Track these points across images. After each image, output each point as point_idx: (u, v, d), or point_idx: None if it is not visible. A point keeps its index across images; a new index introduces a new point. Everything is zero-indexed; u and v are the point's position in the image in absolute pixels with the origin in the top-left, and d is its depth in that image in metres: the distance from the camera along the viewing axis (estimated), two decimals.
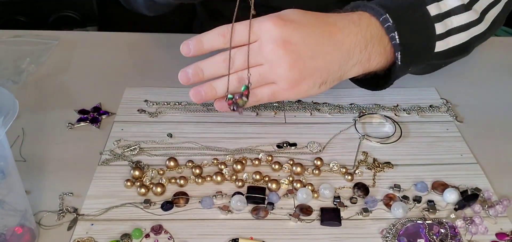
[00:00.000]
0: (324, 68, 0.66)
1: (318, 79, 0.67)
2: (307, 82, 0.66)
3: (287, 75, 0.65)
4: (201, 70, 0.69)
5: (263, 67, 0.66)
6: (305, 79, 0.66)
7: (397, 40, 0.67)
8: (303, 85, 0.66)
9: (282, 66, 0.64)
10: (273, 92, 0.67)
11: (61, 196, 0.64)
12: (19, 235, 0.57)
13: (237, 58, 0.66)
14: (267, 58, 0.65)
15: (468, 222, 0.61)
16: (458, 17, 0.73)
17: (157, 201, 0.64)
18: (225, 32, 0.66)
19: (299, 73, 0.65)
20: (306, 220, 0.62)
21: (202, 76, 0.69)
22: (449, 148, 0.73)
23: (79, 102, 0.81)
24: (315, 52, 0.65)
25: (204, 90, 0.70)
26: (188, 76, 0.70)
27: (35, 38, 0.98)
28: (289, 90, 0.67)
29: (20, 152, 0.71)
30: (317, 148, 0.73)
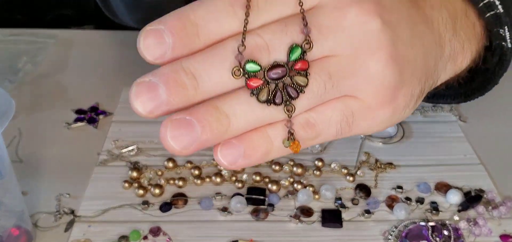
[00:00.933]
0: (423, 62, 0.40)
1: (417, 85, 0.39)
2: (404, 92, 0.38)
3: (382, 73, 0.35)
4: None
5: (336, 60, 0.35)
6: (405, 85, 0.38)
7: (500, 9, 0.44)
8: (400, 98, 0.38)
9: (377, 54, 0.35)
10: (348, 118, 0.37)
11: (58, 197, 0.63)
12: (16, 236, 0.56)
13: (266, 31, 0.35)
14: (349, 40, 0.35)
15: (471, 223, 0.60)
16: None
17: (155, 202, 0.63)
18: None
19: (400, 70, 0.36)
20: (306, 221, 0.61)
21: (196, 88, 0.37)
22: (452, 149, 0.72)
23: (76, 101, 0.80)
24: (413, 33, 0.38)
25: (203, 121, 0.37)
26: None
27: (31, 37, 0.97)
28: (377, 110, 0.37)
29: (16, 152, 0.70)
30: (318, 149, 0.72)
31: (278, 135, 0.36)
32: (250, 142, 0.36)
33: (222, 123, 0.35)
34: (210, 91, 0.36)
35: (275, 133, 0.36)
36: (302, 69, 0.34)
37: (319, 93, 0.35)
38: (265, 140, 0.36)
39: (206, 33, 0.35)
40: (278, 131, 0.36)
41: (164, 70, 0.38)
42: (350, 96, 0.36)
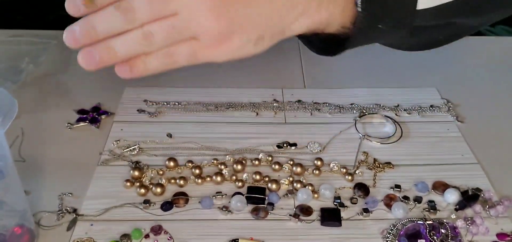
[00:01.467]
0: (260, 17, 0.51)
1: (252, 33, 0.51)
2: (239, 37, 0.50)
3: (211, 26, 0.48)
4: (93, 27, 0.51)
5: (178, 17, 0.48)
6: (235, 33, 0.50)
7: None
8: (233, 40, 0.50)
9: (205, 12, 0.48)
10: (194, 51, 0.51)
11: (61, 196, 0.64)
12: (18, 235, 0.57)
13: (139, 6, 0.48)
14: (184, 2, 0.48)
15: (468, 222, 0.61)
16: None
17: (156, 202, 0.63)
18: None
19: (228, 23, 0.49)
20: (306, 220, 0.62)
21: (95, 36, 0.52)
22: (450, 148, 0.73)
23: (78, 102, 0.81)
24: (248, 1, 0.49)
25: (98, 52, 0.53)
26: (75, 37, 0.52)
27: (33, 37, 0.97)
28: (215, 48, 0.50)
29: (19, 152, 0.71)
30: (317, 148, 0.73)
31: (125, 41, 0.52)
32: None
33: (109, 53, 0.54)
34: (104, 35, 0.52)
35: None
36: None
37: (169, 38, 0.50)
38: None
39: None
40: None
41: (78, 27, 0.52)
42: (193, 38, 0.50)
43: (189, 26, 0.49)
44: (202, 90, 0.84)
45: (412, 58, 0.92)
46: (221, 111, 0.80)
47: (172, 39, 0.50)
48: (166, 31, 0.49)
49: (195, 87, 0.85)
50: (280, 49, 0.97)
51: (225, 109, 0.80)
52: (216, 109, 0.80)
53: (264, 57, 0.93)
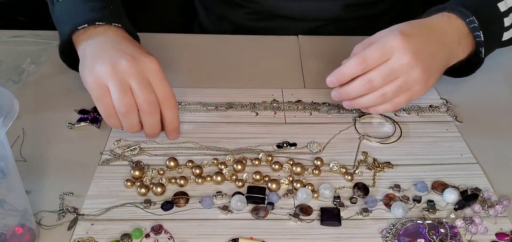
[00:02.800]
0: (439, 64, 0.76)
1: (438, 72, 0.76)
2: (433, 77, 0.75)
3: (421, 78, 0.71)
4: (346, 93, 0.74)
5: (400, 79, 0.71)
6: (431, 77, 0.74)
7: (482, 37, 0.77)
8: (431, 80, 0.74)
9: (417, 72, 0.71)
10: (410, 97, 0.73)
11: (61, 196, 0.64)
12: (20, 235, 0.57)
13: (376, 79, 0.71)
14: (404, 70, 0.71)
15: (468, 222, 0.61)
16: None
17: (157, 201, 0.64)
18: (360, 62, 0.71)
19: (428, 73, 0.73)
20: (306, 220, 0.62)
21: (347, 96, 0.75)
22: (449, 148, 0.73)
23: (79, 102, 0.81)
24: (433, 54, 0.74)
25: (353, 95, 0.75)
26: (333, 83, 0.74)
27: (35, 38, 0.98)
28: (422, 90, 0.73)
29: (20, 152, 0.71)
30: (317, 148, 0.73)
31: None
32: None
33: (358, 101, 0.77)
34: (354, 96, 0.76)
35: None
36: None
37: (395, 93, 0.72)
38: None
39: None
40: None
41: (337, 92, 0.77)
42: (409, 90, 0.73)
43: (408, 83, 0.72)
44: (202, 90, 0.84)
45: None
46: (221, 111, 0.80)
47: (396, 94, 0.72)
48: (393, 89, 0.72)
49: (195, 87, 0.85)
50: (280, 50, 0.97)
51: (225, 109, 0.80)
52: (216, 109, 0.80)
53: (264, 58, 0.94)
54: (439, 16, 0.77)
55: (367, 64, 0.71)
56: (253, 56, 0.95)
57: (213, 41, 1.01)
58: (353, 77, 0.72)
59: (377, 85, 0.71)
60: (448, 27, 0.77)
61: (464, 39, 0.77)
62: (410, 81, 0.71)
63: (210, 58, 0.94)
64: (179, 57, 0.94)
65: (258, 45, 0.98)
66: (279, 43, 1.00)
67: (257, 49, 0.96)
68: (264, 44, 0.98)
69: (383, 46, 0.70)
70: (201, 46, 0.98)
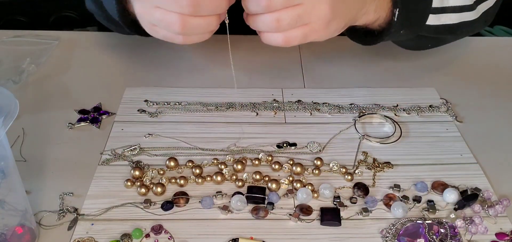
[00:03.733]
0: (348, 11, 0.70)
1: (342, 21, 0.69)
2: (336, 23, 0.68)
3: (325, 15, 0.65)
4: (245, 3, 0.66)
5: (303, 7, 0.63)
6: (335, 20, 0.67)
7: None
8: (332, 25, 0.67)
9: (324, 6, 0.64)
10: (305, 34, 0.66)
11: (62, 196, 0.64)
12: (20, 235, 0.57)
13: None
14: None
15: (468, 222, 0.61)
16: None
17: (157, 201, 0.64)
18: None
19: (334, 14, 0.66)
20: (306, 220, 0.62)
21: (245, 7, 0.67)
22: (449, 148, 0.73)
23: (79, 102, 0.81)
24: (346, 2, 0.68)
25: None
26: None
27: (35, 38, 0.98)
28: (321, 31, 0.67)
29: (20, 152, 0.71)
30: (317, 148, 0.73)
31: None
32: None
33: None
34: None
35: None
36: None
37: (292, 24, 0.64)
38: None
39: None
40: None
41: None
42: (305, 25, 0.65)
43: (310, 15, 0.64)
44: (202, 90, 0.84)
45: (411, 58, 0.93)
46: (221, 111, 0.80)
47: (292, 25, 0.64)
48: (292, 18, 0.64)
49: (195, 87, 0.85)
50: (280, 50, 0.97)
51: (225, 109, 0.80)
52: (216, 109, 0.80)
53: (264, 57, 0.94)
54: None
55: None
56: (253, 56, 0.95)
57: (213, 41, 1.01)
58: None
59: (277, 4, 0.63)
60: None
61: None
62: (313, 13, 0.64)
63: (210, 58, 0.94)
64: (179, 57, 0.94)
65: (258, 45, 0.98)
66: None
67: (257, 49, 0.97)
68: (264, 44, 0.98)
69: None
70: (201, 46, 0.98)
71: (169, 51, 0.96)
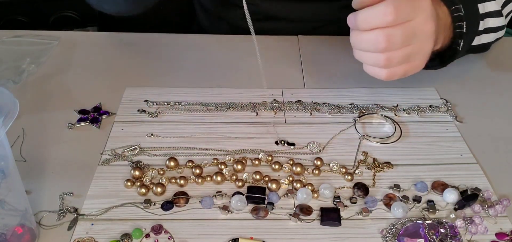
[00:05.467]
0: (433, 45, 0.71)
1: (429, 54, 0.72)
2: (427, 58, 0.71)
3: (429, 52, 0.68)
4: (359, 41, 0.69)
5: (412, 47, 0.66)
6: (428, 55, 0.70)
7: (464, 29, 0.73)
8: (426, 59, 0.70)
9: (430, 44, 0.67)
10: (406, 70, 0.69)
11: (62, 196, 0.64)
12: (20, 235, 0.57)
13: (396, 36, 0.65)
14: (421, 38, 0.66)
15: (468, 222, 0.61)
16: (493, 20, 0.80)
17: (157, 201, 0.64)
18: (393, 11, 0.64)
19: (431, 46, 0.69)
20: (306, 220, 0.62)
21: (358, 44, 0.70)
22: (449, 148, 0.73)
23: (79, 102, 0.81)
24: (438, 27, 0.70)
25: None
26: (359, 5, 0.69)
27: (35, 38, 0.98)
28: (420, 67, 0.70)
29: (20, 152, 0.71)
30: (317, 148, 0.73)
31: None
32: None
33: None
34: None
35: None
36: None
37: (400, 59, 0.68)
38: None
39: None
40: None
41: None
42: (409, 62, 0.68)
43: (417, 53, 0.67)
44: (202, 90, 0.84)
45: None
46: (221, 111, 0.80)
47: (402, 62, 0.67)
48: (402, 56, 0.66)
49: (195, 87, 0.85)
50: (280, 50, 0.97)
51: (225, 109, 0.80)
52: (216, 109, 0.80)
53: (264, 58, 0.94)
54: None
55: (397, 16, 0.64)
56: (253, 56, 0.95)
57: (213, 41, 1.01)
58: (375, 25, 0.65)
59: (396, 45, 0.65)
60: (440, 8, 0.73)
61: (447, 29, 0.74)
62: (420, 53, 0.67)
63: (210, 58, 0.94)
64: (179, 57, 0.94)
65: (258, 45, 0.98)
66: (279, 43, 1.00)
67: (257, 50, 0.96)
68: (264, 44, 0.98)
69: (415, 3, 0.64)
70: (201, 46, 0.98)
71: (169, 51, 0.96)
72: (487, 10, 0.79)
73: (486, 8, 0.79)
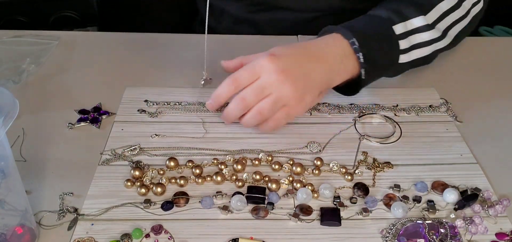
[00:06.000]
0: (316, 81, 0.76)
1: (316, 90, 0.77)
2: (309, 95, 0.76)
3: (293, 94, 0.73)
4: (228, 115, 0.76)
5: (272, 96, 0.72)
6: (307, 93, 0.75)
7: (361, 59, 0.77)
8: (306, 99, 0.75)
9: (287, 88, 0.72)
10: (287, 113, 0.74)
11: (62, 196, 0.64)
12: (20, 235, 0.57)
13: (248, 96, 0.73)
14: (273, 87, 0.72)
15: (468, 222, 0.61)
16: (421, 35, 0.82)
17: (157, 201, 0.64)
18: (232, 82, 0.74)
19: (301, 89, 0.74)
20: (306, 220, 0.62)
21: (228, 118, 0.77)
22: (448, 148, 0.73)
23: (79, 102, 0.81)
24: (307, 70, 0.75)
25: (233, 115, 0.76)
26: (213, 107, 0.78)
27: (35, 38, 0.98)
28: (298, 106, 0.75)
29: (20, 152, 0.71)
30: (317, 148, 0.73)
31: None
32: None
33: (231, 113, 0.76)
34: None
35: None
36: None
37: (272, 110, 0.73)
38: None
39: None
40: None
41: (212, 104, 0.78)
42: (284, 106, 0.74)
43: (281, 99, 0.73)
44: (202, 90, 0.84)
45: None
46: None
47: (273, 111, 0.73)
48: (269, 105, 0.73)
49: (195, 87, 0.85)
50: None
51: None
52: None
53: None
54: (327, 37, 0.79)
55: (239, 83, 0.73)
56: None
57: (213, 41, 1.01)
58: (228, 98, 0.75)
59: (250, 102, 0.73)
60: (330, 47, 0.78)
61: (348, 59, 0.77)
62: (283, 97, 0.73)
63: (210, 58, 0.94)
64: (179, 57, 0.94)
65: (258, 45, 0.98)
66: (279, 43, 0.99)
67: (257, 49, 0.96)
68: (264, 44, 0.98)
69: (253, 67, 0.73)
70: (201, 46, 0.98)
71: (169, 51, 0.96)
72: (413, 27, 0.82)
73: (409, 25, 0.82)
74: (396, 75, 0.85)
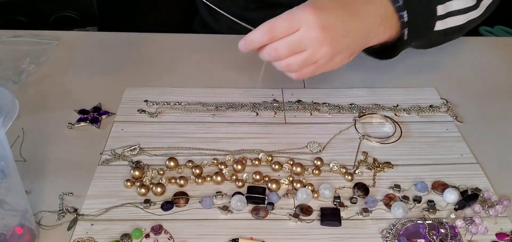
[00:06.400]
0: (352, 42, 0.74)
1: (348, 52, 0.74)
2: (340, 56, 0.74)
3: (328, 53, 0.71)
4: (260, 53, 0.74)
5: (306, 53, 0.71)
6: (339, 54, 0.73)
7: (405, 18, 0.75)
8: (337, 59, 0.73)
9: (324, 48, 0.70)
10: (313, 71, 0.73)
11: (61, 196, 0.64)
12: (19, 235, 0.57)
13: (281, 49, 0.71)
14: (310, 44, 0.70)
15: (468, 222, 0.61)
16: (457, 2, 0.80)
17: (157, 201, 0.64)
18: (268, 30, 0.71)
19: (336, 49, 0.72)
20: (306, 220, 0.62)
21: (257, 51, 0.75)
22: (449, 148, 0.73)
23: (79, 102, 0.81)
24: (347, 30, 0.72)
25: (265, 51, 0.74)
26: (243, 48, 0.74)
27: (35, 38, 0.98)
28: (327, 65, 0.73)
29: (20, 152, 0.71)
30: (317, 148, 0.73)
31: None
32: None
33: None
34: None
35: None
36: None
37: (300, 66, 0.72)
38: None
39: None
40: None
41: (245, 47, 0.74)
42: (315, 63, 0.72)
43: (314, 58, 0.71)
44: (202, 90, 0.84)
45: (411, 58, 0.92)
46: (221, 111, 0.80)
47: (301, 66, 0.72)
48: (298, 63, 0.72)
49: (195, 87, 0.85)
50: None
51: (225, 109, 0.80)
52: (216, 109, 0.80)
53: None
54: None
55: (275, 33, 0.70)
56: (253, 56, 0.95)
57: (213, 41, 1.01)
58: (261, 45, 0.72)
59: (283, 56, 0.71)
60: (370, 4, 0.75)
61: (388, 19, 0.75)
62: (317, 57, 0.71)
63: (210, 58, 0.94)
64: (179, 57, 0.94)
65: None
66: None
67: None
68: None
69: (292, 17, 0.70)
70: (201, 46, 0.98)
71: (169, 51, 0.96)
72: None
73: None
74: (425, 47, 0.84)
